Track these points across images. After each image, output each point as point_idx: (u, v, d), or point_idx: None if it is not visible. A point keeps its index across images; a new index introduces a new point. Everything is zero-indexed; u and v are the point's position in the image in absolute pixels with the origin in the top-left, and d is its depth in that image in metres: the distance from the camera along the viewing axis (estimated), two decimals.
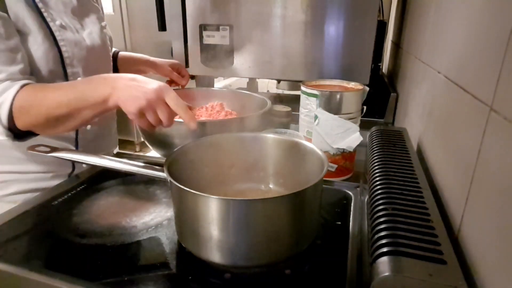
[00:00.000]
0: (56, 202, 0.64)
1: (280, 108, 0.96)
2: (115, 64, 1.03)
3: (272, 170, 0.63)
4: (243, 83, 1.53)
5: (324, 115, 0.73)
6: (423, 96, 0.73)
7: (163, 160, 0.51)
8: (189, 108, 0.62)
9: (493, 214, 0.35)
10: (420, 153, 0.68)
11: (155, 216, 0.60)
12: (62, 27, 0.75)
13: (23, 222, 0.59)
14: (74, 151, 0.71)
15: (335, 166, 0.76)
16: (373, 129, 0.69)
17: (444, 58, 0.61)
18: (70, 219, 0.59)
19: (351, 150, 0.75)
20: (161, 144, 0.79)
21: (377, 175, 0.51)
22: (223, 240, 0.45)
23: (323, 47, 1.00)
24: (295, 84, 1.39)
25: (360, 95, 0.77)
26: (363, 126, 0.76)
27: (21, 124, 0.64)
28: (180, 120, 0.87)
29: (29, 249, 0.53)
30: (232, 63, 1.08)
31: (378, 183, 0.48)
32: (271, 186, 0.63)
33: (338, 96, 0.74)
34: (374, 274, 0.34)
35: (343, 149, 0.75)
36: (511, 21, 0.35)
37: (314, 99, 0.75)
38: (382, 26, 1.06)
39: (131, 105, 0.59)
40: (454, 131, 0.51)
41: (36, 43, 0.70)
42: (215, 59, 1.09)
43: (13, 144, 0.69)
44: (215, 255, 0.46)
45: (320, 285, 0.47)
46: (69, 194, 0.66)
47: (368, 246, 0.41)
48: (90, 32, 0.83)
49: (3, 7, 0.66)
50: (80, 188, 0.69)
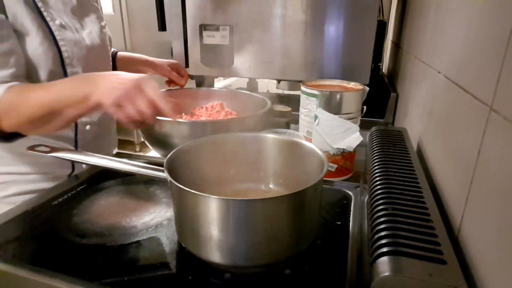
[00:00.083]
0: (56, 202, 0.64)
1: (280, 108, 0.96)
2: (114, 64, 1.03)
3: (272, 170, 0.63)
4: (243, 83, 1.53)
5: (324, 115, 0.73)
6: (423, 96, 0.73)
7: (163, 160, 0.51)
8: (177, 104, 0.61)
9: (493, 214, 0.35)
10: (420, 153, 0.68)
11: (155, 216, 0.60)
12: (62, 26, 0.75)
13: (23, 222, 0.59)
14: (74, 151, 0.71)
15: (335, 166, 0.76)
16: (373, 129, 0.69)
17: (444, 58, 0.61)
18: (70, 219, 0.59)
19: (351, 150, 0.75)
20: (161, 144, 0.79)
21: (377, 175, 0.51)
22: (223, 240, 0.45)
23: (323, 47, 1.00)
24: (295, 84, 1.39)
25: (360, 95, 0.77)
26: (363, 126, 0.76)
27: (6, 126, 0.64)
28: (180, 120, 0.87)
29: (29, 249, 0.53)
30: (232, 63, 1.08)
31: (378, 183, 0.48)
32: (271, 186, 0.63)
33: (338, 96, 0.74)
34: (374, 274, 0.34)
35: (343, 149, 0.75)
36: (511, 21, 0.35)
37: (314, 99, 0.75)
38: (382, 26, 1.06)
39: (109, 96, 0.58)
40: (454, 131, 0.51)
41: (35, 43, 0.70)
42: (215, 59, 1.09)
43: (12, 145, 0.69)
44: (215, 255, 0.46)
45: (320, 285, 0.47)
46: (69, 194, 0.66)
47: (368, 246, 0.41)
48: (90, 31, 0.83)
49: (0, 7, 0.66)
50: (80, 188, 0.69)
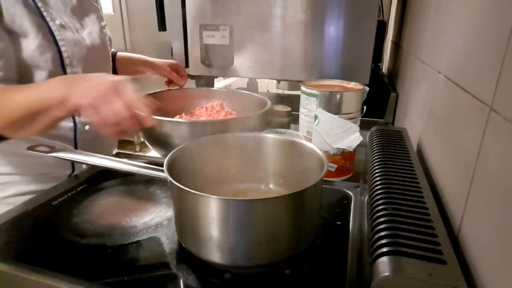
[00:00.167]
0: (56, 202, 0.64)
1: (280, 108, 0.96)
2: (113, 65, 1.03)
3: (272, 170, 0.63)
4: (243, 83, 1.53)
5: (324, 115, 0.73)
6: (423, 96, 0.73)
7: (163, 160, 0.51)
8: (160, 107, 0.59)
9: (493, 214, 0.35)
10: (420, 153, 0.68)
11: (155, 216, 0.60)
12: (62, 26, 0.75)
13: (23, 222, 0.59)
14: (74, 151, 0.71)
15: (335, 166, 0.76)
16: (373, 129, 0.69)
17: (444, 58, 0.61)
18: (70, 219, 0.59)
19: (351, 150, 0.75)
20: (161, 144, 0.79)
21: (377, 175, 0.51)
22: (223, 240, 0.45)
23: (323, 47, 1.00)
24: (295, 84, 1.39)
25: (360, 95, 0.77)
26: (363, 126, 0.76)
27: None
28: (180, 120, 0.87)
29: (29, 249, 0.53)
30: (232, 63, 1.08)
31: (378, 183, 0.48)
32: (271, 186, 0.63)
33: (338, 96, 0.74)
34: (374, 274, 0.34)
35: (343, 149, 0.75)
36: (511, 21, 0.35)
37: (314, 99, 0.75)
38: (382, 26, 1.06)
39: (85, 98, 0.56)
40: (454, 131, 0.51)
41: (35, 44, 0.70)
42: (215, 59, 1.09)
43: (12, 145, 0.68)
44: (215, 255, 0.46)
45: (320, 285, 0.47)
46: (69, 194, 0.66)
47: (368, 246, 0.41)
48: (90, 31, 0.83)
49: None
50: (80, 188, 0.69)
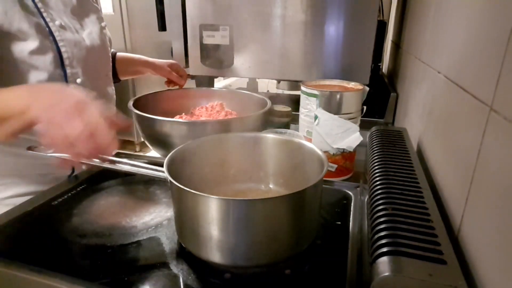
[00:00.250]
0: (56, 202, 0.64)
1: (280, 108, 0.96)
2: (113, 65, 1.02)
3: (272, 170, 0.63)
4: (243, 83, 1.53)
5: (324, 115, 0.73)
6: (423, 96, 0.73)
7: (163, 160, 0.51)
8: (126, 125, 0.55)
9: (493, 214, 0.35)
10: (420, 153, 0.68)
11: (155, 216, 0.60)
12: (62, 27, 0.75)
13: (23, 222, 0.59)
14: None
15: (335, 166, 0.76)
16: (373, 129, 0.69)
17: (444, 58, 0.61)
18: (70, 219, 0.59)
19: (351, 150, 0.75)
20: (161, 144, 0.79)
21: (377, 175, 0.51)
22: (223, 240, 0.45)
23: (323, 47, 1.00)
24: (295, 84, 1.39)
25: (360, 95, 0.77)
26: (363, 126, 0.76)
27: None
28: (180, 120, 0.87)
29: (29, 249, 0.53)
30: (232, 63, 1.08)
31: (378, 183, 0.48)
32: (271, 186, 0.63)
33: (338, 96, 0.74)
34: (374, 274, 0.34)
35: (343, 149, 0.75)
36: (511, 21, 0.35)
37: (314, 99, 0.75)
38: (382, 26, 1.06)
39: (44, 112, 0.50)
40: (454, 131, 0.51)
41: (34, 46, 0.70)
42: (215, 59, 1.09)
43: (11, 146, 0.68)
44: (215, 255, 0.46)
45: (320, 285, 0.47)
46: (69, 194, 0.66)
47: (368, 246, 0.41)
48: (90, 32, 0.83)
49: None
50: (80, 188, 0.69)
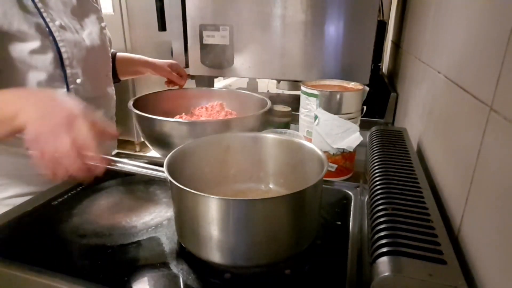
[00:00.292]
0: (56, 202, 0.64)
1: (280, 108, 0.95)
2: (113, 65, 1.02)
3: (272, 170, 0.63)
4: (243, 83, 1.53)
5: (324, 115, 0.73)
6: (423, 96, 0.73)
7: (163, 160, 0.51)
8: (115, 134, 0.55)
9: (493, 214, 0.35)
10: (420, 153, 0.68)
11: (155, 216, 0.60)
12: (62, 27, 0.75)
13: (23, 222, 0.59)
14: None
15: (335, 166, 0.76)
16: (373, 129, 0.69)
17: (444, 58, 0.61)
18: (70, 219, 0.59)
19: (351, 150, 0.75)
20: (161, 144, 0.79)
21: (377, 175, 0.51)
22: (223, 240, 0.45)
23: (323, 47, 1.00)
24: (295, 84, 1.39)
25: (360, 95, 0.77)
26: (363, 126, 0.76)
27: None
28: (180, 120, 0.87)
29: (29, 249, 0.53)
30: (232, 63, 1.08)
31: (378, 183, 0.48)
32: (271, 186, 0.63)
33: (338, 96, 0.74)
34: (374, 274, 0.34)
35: (343, 149, 0.75)
36: (511, 21, 0.35)
37: (314, 99, 0.75)
38: (382, 26, 1.06)
39: (33, 123, 0.50)
40: (454, 131, 0.51)
41: (34, 46, 0.70)
42: (215, 59, 1.09)
43: (11, 146, 0.68)
44: (215, 255, 0.46)
45: (320, 285, 0.47)
46: (69, 194, 0.66)
47: (368, 246, 0.41)
48: (90, 32, 0.83)
49: None
50: (80, 188, 0.68)
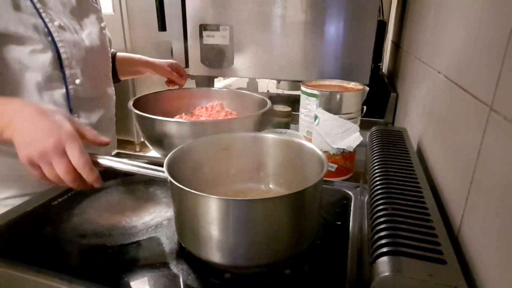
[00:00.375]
0: (56, 202, 0.64)
1: (280, 108, 0.96)
2: (113, 65, 1.02)
3: (272, 170, 0.63)
4: (243, 83, 1.53)
5: (324, 115, 0.73)
6: (423, 96, 0.73)
7: (163, 160, 0.51)
8: (106, 142, 0.56)
9: (493, 214, 0.35)
10: (420, 153, 0.68)
11: (155, 216, 0.60)
12: (61, 27, 0.75)
13: (23, 222, 0.59)
14: None
15: (335, 166, 0.76)
16: (373, 129, 0.69)
17: (444, 58, 0.61)
18: (70, 219, 0.59)
19: (351, 150, 0.75)
20: (161, 144, 0.79)
21: (377, 175, 0.51)
22: (223, 240, 0.45)
23: (323, 47, 1.00)
24: (295, 84, 1.39)
25: (360, 95, 0.77)
26: (363, 126, 0.76)
27: None
28: (180, 120, 0.87)
29: (29, 249, 0.53)
30: (232, 63, 1.08)
31: (378, 183, 0.48)
32: (271, 186, 0.63)
33: (338, 96, 0.74)
34: (374, 274, 0.34)
35: (343, 149, 0.75)
36: (511, 21, 0.35)
37: (314, 99, 0.75)
38: (382, 26, 1.06)
39: (21, 151, 0.52)
40: (454, 131, 0.51)
41: (32, 47, 0.70)
42: (215, 59, 1.09)
43: (9, 146, 0.68)
44: (215, 255, 0.46)
45: (320, 285, 0.47)
46: (69, 194, 0.66)
47: (368, 246, 0.41)
48: (90, 32, 0.83)
49: None
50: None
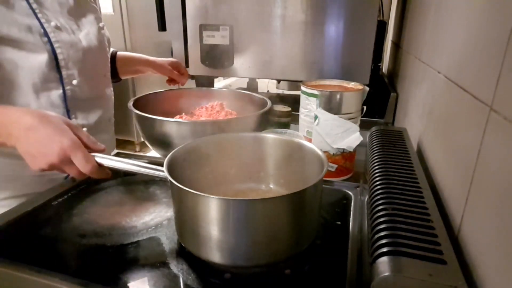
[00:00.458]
0: (56, 202, 0.64)
1: (280, 108, 0.96)
2: (114, 64, 1.02)
3: (272, 170, 0.63)
4: (243, 83, 1.53)
5: (324, 115, 0.73)
6: (423, 96, 0.73)
7: (163, 160, 0.51)
8: (99, 148, 0.58)
9: (493, 214, 0.35)
10: (420, 153, 0.68)
11: (155, 216, 0.60)
12: (57, 28, 0.74)
13: (23, 222, 0.59)
14: None
15: (335, 166, 0.76)
16: (373, 129, 0.69)
17: (444, 58, 0.61)
18: (70, 219, 0.59)
19: (351, 150, 0.75)
20: (161, 144, 0.79)
21: (377, 175, 0.51)
22: (223, 240, 0.45)
23: (323, 47, 1.00)
24: (295, 84, 1.39)
25: (360, 95, 0.77)
26: (363, 126, 0.76)
27: None
28: (180, 120, 0.87)
29: (29, 249, 0.53)
30: (232, 63, 1.08)
31: (378, 183, 0.48)
32: (271, 186, 0.63)
33: (338, 96, 0.74)
34: (374, 274, 0.34)
35: (343, 149, 0.75)
36: (511, 21, 0.35)
37: (314, 99, 0.75)
38: (382, 26, 1.06)
39: (31, 164, 0.55)
40: (454, 131, 0.51)
41: (27, 48, 0.69)
42: (215, 59, 1.09)
43: (7, 147, 0.68)
44: (215, 255, 0.46)
45: (320, 285, 0.47)
46: (69, 194, 0.66)
47: (368, 246, 0.41)
48: (87, 33, 0.82)
49: None
50: (80, 188, 0.69)
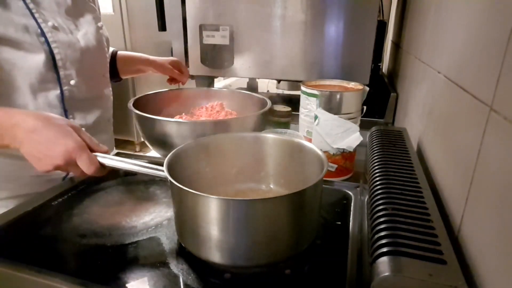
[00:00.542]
0: (56, 202, 0.64)
1: (280, 108, 0.96)
2: (114, 64, 1.02)
3: (272, 170, 0.63)
4: (243, 83, 1.53)
5: (324, 115, 0.73)
6: (423, 96, 0.73)
7: (163, 160, 0.51)
8: (102, 150, 0.58)
9: (493, 214, 0.35)
10: (420, 153, 0.68)
11: (155, 216, 0.60)
12: (55, 28, 0.74)
13: (23, 222, 0.59)
14: None
15: (335, 166, 0.76)
16: (373, 129, 0.69)
17: (444, 58, 0.61)
18: (70, 219, 0.59)
19: (351, 150, 0.75)
20: (161, 144, 0.79)
21: (377, 175, 0.51)
22: (223, 240, 0.45)
23: (323, 47, 1.00)
24: (295, 84, 1.39)
25: (360, 95, 0.77)
26: (363, 126, 0.76)
27: None
28: (180, 120, 0.87)
29: (29, 249, 0.53)
30: (232, 63, 1.08)
31: (378, 183, 0.48)
32: (271, 186, 0.63)
33: (338, 96, 0.74)
34: (374, 274, 0.34)
35: (343, 149, 0.75)
36: (511, 21, 0.35)
37: (314, 99, 0.75)
38: (382, 26, 1.06)
39: (37, 166, 0.56)
40: (454, 131, 0.51)
41: (24, 49, 0.69)
42: (215, 59, 1.09)
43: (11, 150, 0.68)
44: (215, 255, 0.46)
45: (320, 285, 0.47)
46: (69, 194, 0.66)
47: (368, 246, 0.41)
48: (86, 32, 0.82)
49: None
50: (80, 188, 0.69)
